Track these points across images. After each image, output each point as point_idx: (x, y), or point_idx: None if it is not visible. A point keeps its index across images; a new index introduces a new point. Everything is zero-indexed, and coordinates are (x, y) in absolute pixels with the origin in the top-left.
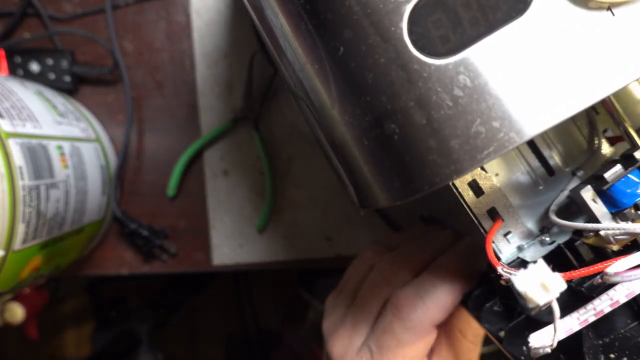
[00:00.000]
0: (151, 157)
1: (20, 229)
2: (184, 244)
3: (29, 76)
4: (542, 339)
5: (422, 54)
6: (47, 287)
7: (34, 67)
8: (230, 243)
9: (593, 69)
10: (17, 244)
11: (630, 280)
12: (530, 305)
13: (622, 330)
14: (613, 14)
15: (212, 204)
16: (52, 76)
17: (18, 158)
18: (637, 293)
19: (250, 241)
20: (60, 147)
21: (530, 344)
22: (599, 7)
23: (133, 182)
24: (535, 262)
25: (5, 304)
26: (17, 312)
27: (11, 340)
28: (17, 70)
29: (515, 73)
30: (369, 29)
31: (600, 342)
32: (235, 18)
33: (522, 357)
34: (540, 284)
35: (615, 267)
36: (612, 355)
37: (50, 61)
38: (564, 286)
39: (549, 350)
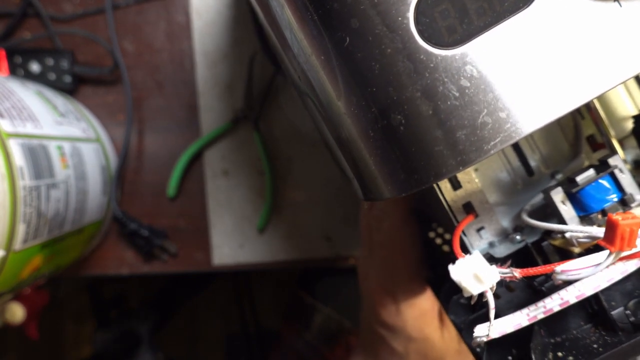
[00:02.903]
0: (151, 157)
1: (21, 229)
2: (184, 244)
3: (29, 76)
4: (485, 330)
5: (429, 44)
6: (47, 287)
7: (35, 67)
8: (231, 243)
9: (601, 59)
10: (18, 244)
11: (573, 278)
12: (465, 295)
13: (574, 331)
14: (620, 5)
15: (213, 204)
16: (52, 76)
17: (18, 158)
18: (587, 295)
19: (250, 241)
20: (60, 147)
21: (474, 334)
22: None
23: (133, 182)
24: (471, 253)
25: (6, 304)
26: (17, 312)
27: (11, 340)
28: (18, 70)
29: (522, 63)
30: (375, 19)
31: (552, 340)
32: (235, 18)
33: (478, 349)
34: (473, 275)
35: (563, 266)
36: (560, 354)
37: (50, 61)
38: (496, 279)
39: (484, 339)
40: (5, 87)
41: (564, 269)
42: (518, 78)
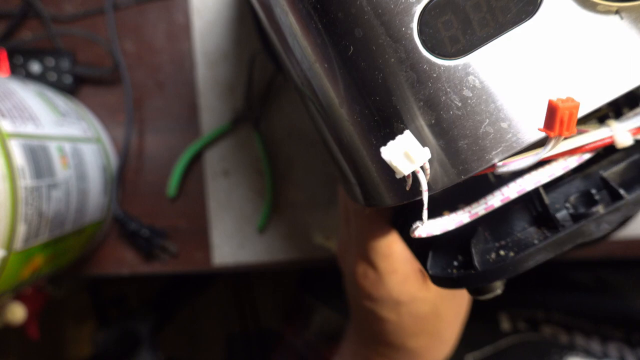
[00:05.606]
0: (152, 158)
1: (22, 229)
2: (184, 244)
3: (30, 77)
4: (421, 222)
5: (432, 54)
6: (47, 287)
7: (35, 67)
8: (231, 243)
9: (603, 70)
10: (19, 244)
11: (513, 169)
12: (398, 176)
13: (518, 234)
14: (621, 18)
15: (213, 204)
16: (53, 76)
17: (19, 158)
18: (527, 190)
19: (250, 241)
20: (61, 148)
21: (412, 227)
22: (607, 11)
23: (134, 183)
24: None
25: (6, 304)
26: (18, 312)
27: (11, 340)
28: (19, 70)
29: (524, 74)
30: (379, 29)
31: (497, 244)
32: (236, 18)
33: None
34: (404, 154)
35: (504, 161)
36: (502, 252)
37: (51, 61)
38: (427, 156)
39: (422, 231)
40: (6, 87)
41: (506, 161)
42: (520, 89)
